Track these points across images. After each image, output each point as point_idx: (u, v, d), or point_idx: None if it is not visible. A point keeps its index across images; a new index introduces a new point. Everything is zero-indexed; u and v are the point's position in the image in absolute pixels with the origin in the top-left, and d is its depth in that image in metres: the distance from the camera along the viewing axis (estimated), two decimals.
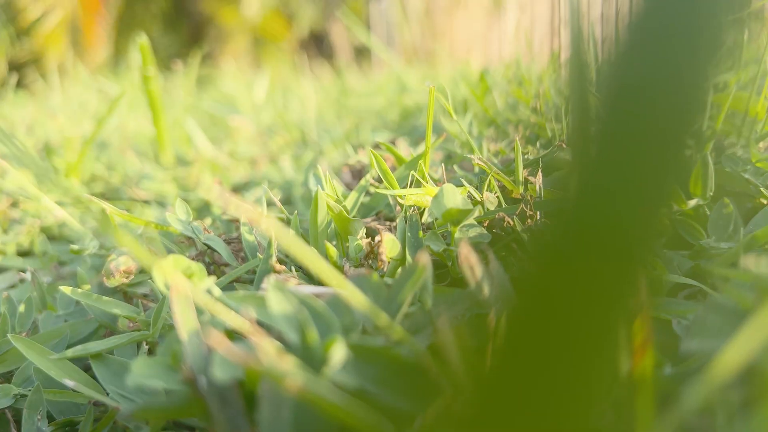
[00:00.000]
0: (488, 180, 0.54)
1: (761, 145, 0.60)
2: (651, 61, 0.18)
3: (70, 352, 0.43)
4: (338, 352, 0.27)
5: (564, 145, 0.58)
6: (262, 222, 0.30)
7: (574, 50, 0.23)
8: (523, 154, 0.62)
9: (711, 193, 0.50)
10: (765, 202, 0.52)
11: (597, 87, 0.19)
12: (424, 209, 0.52)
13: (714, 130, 0.59)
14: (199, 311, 0.34)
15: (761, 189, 0.52)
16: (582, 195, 0.19)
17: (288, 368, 0.25)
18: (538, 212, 0.51)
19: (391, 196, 0.58)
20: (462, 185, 0.52)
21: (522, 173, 0.55)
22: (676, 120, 0.18)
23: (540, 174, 0.53)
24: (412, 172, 0.56)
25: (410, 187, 0.56)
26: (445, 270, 0.51)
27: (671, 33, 0.18)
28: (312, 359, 0.29)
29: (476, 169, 0.68)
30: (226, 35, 6.91)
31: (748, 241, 0.45)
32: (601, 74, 0.19)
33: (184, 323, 0.32)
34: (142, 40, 1.20)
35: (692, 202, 0.51)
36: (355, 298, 0.29)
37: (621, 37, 0.19)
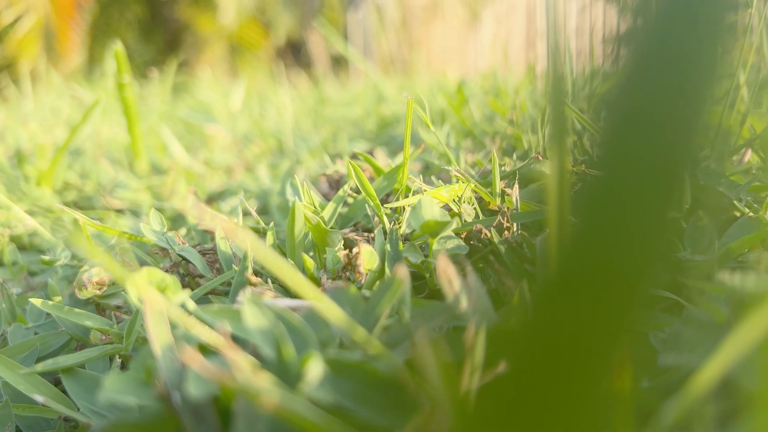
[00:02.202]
0: (465, 191, 0.54)
1: (734, 158, 0.61)
2: (654, 88, 0.18)
3: (40, 366, 0.42)
4: (314, 368, 0.27)
5: (540, 157, 0.58)
6: (238, 234, 0.29)
7: (551, 63, 0.23)
8: (500, 165, 0.62)
9: (687, 206, 0.51)
10: (738, 214, 0.53)
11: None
12: (402, 221, 0.52)
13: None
14: (174, 325, 0.33)
15: (734, 202, 0.52)
16: (581, 218, 0.19)
17: (263, 385, 0.25)
18: (514, 224, 0.51)
19: (370, 206, 0.58)
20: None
21: (499, 185, 0.55)
22: (679, 147, 0.18)
23: (516, 186, 0.54)
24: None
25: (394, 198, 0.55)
26: (424, 281, 0.51)
27: (673, 58, 0.18)
28: (288, 375, 0.28)
29: (454, 181, 0.68)
30: (202, 43, 6.87)
31: (723, 254, 0.45)
32: (605, 100, 0.19)
33: (158, 338, 0.31)
34: (117, 46, 1.19)
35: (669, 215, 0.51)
36: (332, 312, 0.29)
37: (620, 56, 0.18)
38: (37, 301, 0.48)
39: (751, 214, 0.50)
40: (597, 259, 0.18)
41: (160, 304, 0.32)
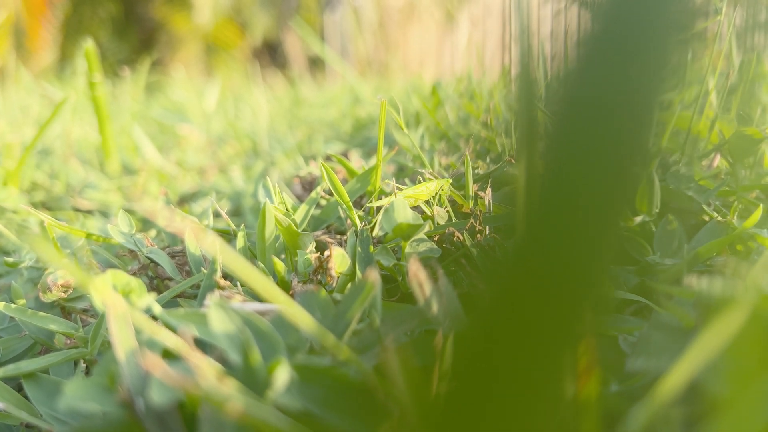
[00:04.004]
0: (438, 194, 0.54)
1: (704, 163, 0.62)
2: (602, 79, 0.18)
3: (1, 372, 0.41)
4: (282, 375, 0.26)
5: (513, 161, 0.58)
6: (206, 238, 0.29)
7: (522, 67, 0.22)
8: (474, 168, 0.62)
9: (657, 210, 0.51)
10: (707, 219, 0.53)
11: (548, 104, 0.19)
12: (375, 223, 0.51)
13: (659, 147, 0.60)
14: (139, 329, 0.33)
15: (703, 206, 0.53)
16: (533, 215, 0.19)
17: (228, 392, 0.24)
18: (487, 227, 0.51)
19: (342, 209, 0.57)
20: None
21: (472, 188, 0.55)
22: (627, 137, 0.18)
23: (489, 189, 0.54)
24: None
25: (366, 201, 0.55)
26: (396, 284, 0.51)
27: (623, 51, 0.18)
28: (255, 381, 0.28)
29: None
30: (177, 42, 6.81)
31: (692, 258, 0.46)
32: (553, 91, 0.19)
33: (122, 343, 0.30)
34: (89, 45, 1.17)
35: (638, 219, 0.52)
36: (300, 317, 0.28)
37: (572, 55, 0.18)
38: None
39: (719, 218, 0.51)
40: (544, 259, 0.18)
41: (123, 308, 0.31)
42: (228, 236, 0.62)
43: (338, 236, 0.58)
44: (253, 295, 0.45)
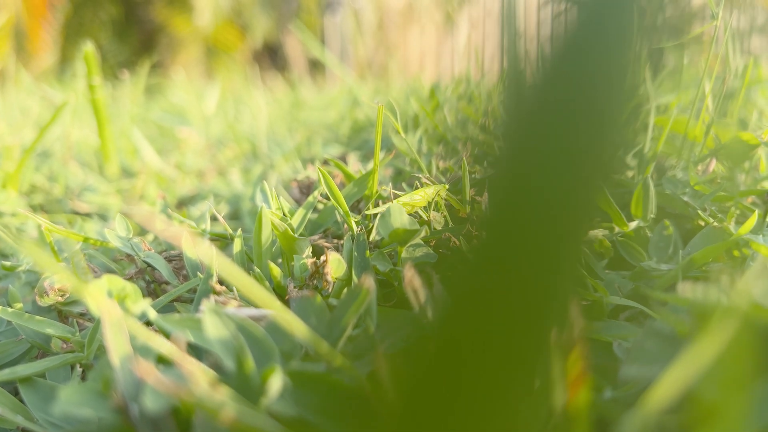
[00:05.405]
0: (435, 199, 0.54)
1: (699, 167, 0.62)
2: (571, 83, 0.18)
3: None
4: (275, 382, 0.26)
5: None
6: (201, 245, 0.29)
7: (510, 71, 0.23)
8: (471, 173, 0.62)
9: (652, 215, 0.51)
10: (702, 224, 0.53)
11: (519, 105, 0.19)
12: (371, 228, 0.52)
13: (655, 151, 0.60)
14: (134, 335, 0.33)
15: (699, 212, 0.53)
16: (501, 213, 0.19)
17: (221, 399, 0.24)
18: (483, 232, 0.51)
19: (339, 213, 0.57)
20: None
21: (469, 192, 0.55)
22: (594, 139, 0.18)
23: (486, 194, 0.54)
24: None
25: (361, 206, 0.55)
26: (392, 289, 0.51)
27: (593, 57, 0.18)
28: (248, 388, 0.28)
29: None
30: (177, 44, 6.81)
31: (687, 264, 0.46)
32: (526, 92, 0.19)
33: (116, 349, 0.31)
34: (88, 47, 1.17)
35: (633, 224, 0.52)
36: (295, 324, 0.28)
37: (544, 56, 0.19)
38: None
39: (715, 224, 0.51)
40: (505, 266, 0.18)
41: (118, 314, 0.31)
42: (225, 240, 0.62)
43: (335, 241, 0.58)
44: (249, 300, 0.45)
